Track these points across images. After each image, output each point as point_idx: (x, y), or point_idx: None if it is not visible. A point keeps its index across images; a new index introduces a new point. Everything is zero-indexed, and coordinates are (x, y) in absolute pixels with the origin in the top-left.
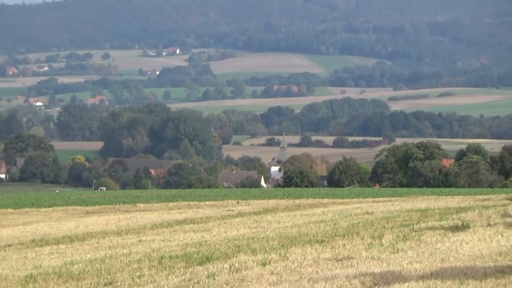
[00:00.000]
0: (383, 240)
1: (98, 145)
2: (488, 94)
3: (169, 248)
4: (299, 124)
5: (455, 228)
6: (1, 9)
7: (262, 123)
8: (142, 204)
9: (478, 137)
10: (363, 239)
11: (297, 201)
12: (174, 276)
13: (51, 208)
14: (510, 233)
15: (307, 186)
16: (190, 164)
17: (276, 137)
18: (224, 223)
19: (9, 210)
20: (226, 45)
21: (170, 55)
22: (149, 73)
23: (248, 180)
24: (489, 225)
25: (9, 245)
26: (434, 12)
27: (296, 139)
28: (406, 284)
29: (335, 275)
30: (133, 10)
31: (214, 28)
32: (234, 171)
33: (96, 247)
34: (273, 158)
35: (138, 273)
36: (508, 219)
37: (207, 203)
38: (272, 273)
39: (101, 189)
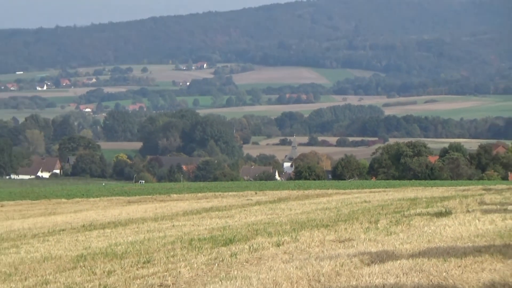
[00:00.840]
0: (378, 225)
1: (138, 145)
2: (466, 101)
3: (198, 232)
4: (307, 126)
5: (439, 214)
6: (56, 30)
7: (276, 126)
8: (175, 195)
9: (458, 137)
10: (361, 224)
11: (306, 192)
12: (202, 255)
13: (98, 198)
14: (486, 218)
15: (314, 179)
16: (216, 161)
17: (288, 138)
18: (244, 210)
19: (63, 200)
20: (245, 60)
21: (198, 69)
22: (180, 84)
23: (264, 174)
24: (468, 211)
25: (63, 230)
26: (420, 32)
27: (305, 139)
28: (398, 261)
29: (338, 254)
30: (168, 31)
31: (236, 46)
32: (252, 167)
33: (136, 231)
34: (286, 155)
35: (172, 253)
36: (484, 207)
37: (230, 193)
38: (285, 252)
39: (140, 182)
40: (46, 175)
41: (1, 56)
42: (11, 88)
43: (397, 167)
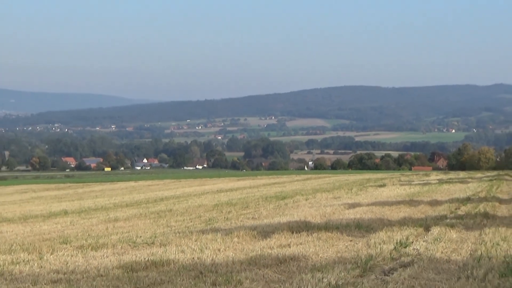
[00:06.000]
0: (352, 190)
1: (242, 154)
2: (392, 134)
3: (269, 193)
4: (319, 146)
5: (380, 186)
6: (218, 101)
7: (305, 145)
8: (259, 177)
9: (389, 150)
10: (344, 190)
11: (319, 175)
12: (271, 204)
13: (223, 178)
14: (401, 188)
15: (323, 169)
16: (277, 161)
17: (311, 151)
18: (290, 183)
19: (207, 179)
20: (291, 115)
21: (270, 119)
22: (261, 126)
23: (300, 167)
24: (393, 184)
25: (207, 192)
26: (372, 102)
27: (319, 151)
28: (361, 208)
29: (333, 204)
30: (255, 103)
31: (287, 108)
32: (294, 164)
33: (241, 193)
34: (310, 159)
35: (257, 203)
36: (400, 182)
37: (284, 176)
38: (309, 203)
39: (243, 171)
40: (200, 167)
41: (180, 113)
42: (184, 127)
43: (361, 164)
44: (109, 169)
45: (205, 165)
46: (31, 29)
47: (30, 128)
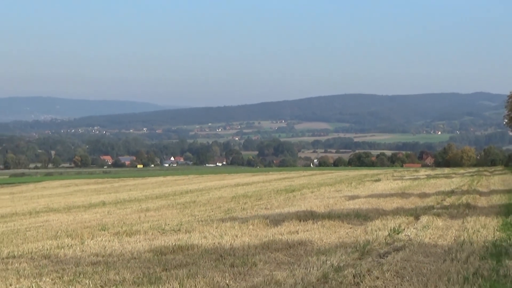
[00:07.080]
0: (351, 184)
1: (256, 153)
2: (386, 135)
3: (280, 187)
4: (323, 146)
5: (376, 180)
6: (232, 108)
7: (311, 145)
8: (271, 172)
9: (383, 150)
10: (345, 184)
11: (323, 171)
12: (281, 196)
13: (240, 174)
14: (394, 182)
15: (326, 166)
16: (287, 159)
17: (316, 150)
18: (298, 178)
19: (226, 174)
20: (299, 119)
21: (280, 123)
22: (273, 128)
23: (306, 164)
24: (387, 179)
25: (226, 186)
26: (369, 107)
27: (322, 151)
28: (359, 199)
29: (335, 196)
30: (266, 109)
31: (295, 113)
32: (302, 161)
33: (256, 186)
34: (315, 157)
35: (269, 195)
36: (393, 177)
37: (293, 172)
38: (315, 195)
39: (258, 167)
40: (220, 164)
41: (203, 117)
42: (206, 130)
43: (359, 162)
44: (141, 166)
45: (224, 163)
46: (72, 44)
47: (73, 130)
